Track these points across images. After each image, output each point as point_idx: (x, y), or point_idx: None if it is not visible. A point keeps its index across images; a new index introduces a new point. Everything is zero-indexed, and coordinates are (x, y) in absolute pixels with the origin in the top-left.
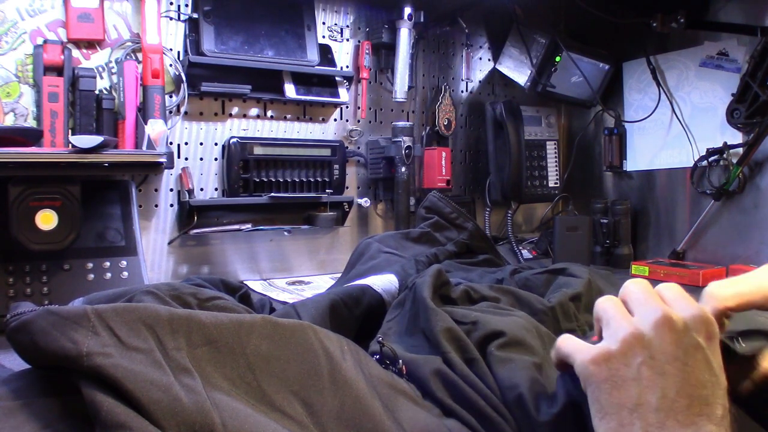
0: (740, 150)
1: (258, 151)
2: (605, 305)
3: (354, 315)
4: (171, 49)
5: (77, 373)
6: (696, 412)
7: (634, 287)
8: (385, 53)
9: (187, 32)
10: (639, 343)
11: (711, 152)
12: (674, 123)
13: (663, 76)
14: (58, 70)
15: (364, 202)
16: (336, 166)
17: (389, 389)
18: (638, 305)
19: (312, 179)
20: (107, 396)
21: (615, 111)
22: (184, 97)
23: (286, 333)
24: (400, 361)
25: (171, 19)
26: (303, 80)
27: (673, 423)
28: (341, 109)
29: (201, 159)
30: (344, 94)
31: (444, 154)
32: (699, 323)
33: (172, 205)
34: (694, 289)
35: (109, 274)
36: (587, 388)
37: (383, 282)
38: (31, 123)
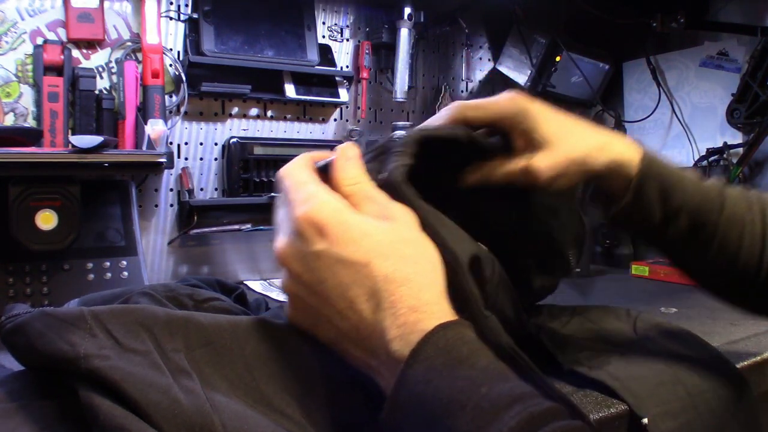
0: (740, 150)
1: (258, 151)
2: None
3: None
4: (171, 49)
5: (74, 376)
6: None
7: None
8: (385, 53)
9: (187, 32)
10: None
11: (711, 152)
12: (674, 123)
13: (663, 76)
14: (58, 70)
15: None
16: None
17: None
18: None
19: None
20: (105, 398)
21: (615, 111)
22: (184, 97)
23: (283, 335)
24: None
25: (171, 19)
26: (303, 80)
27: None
28: (341, 109)
29: (201, 159)
30: (344, 94)
31: None
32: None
33: (172, 205)
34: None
35: (109, 274)
36: None
37: None
38: (31, 123)
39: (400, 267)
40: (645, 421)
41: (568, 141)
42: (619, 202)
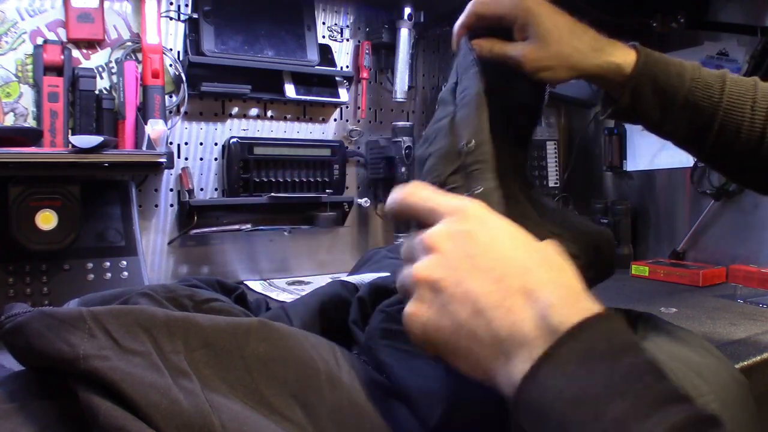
0: None
1: (258, 151)
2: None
3: (342, 315)
4: (171, 49)
5: (74, 376)
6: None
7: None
8: (385, 53)
9: (187, 32)
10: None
11: None
12: None
13: None
14: (58, 70)
15: (364, 202)
16: (336, 166)
17: (382, 392)
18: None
19: (312, 179)
20: (105, 399)
21: None
22: (184, 97)
23: (282, 336)
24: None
25: (171, 19)
26: (303, 80)
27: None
28: (341, 109)
29: (201, 159)
30: (344, 94)
31: None
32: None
33: (172, 205)
34: (694, 289)
35: (109, 274)
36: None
37: (370, 278)
38: (31, 123)
39: (557, 256)
40: None
41: (560, 39)
42: (618, 103)
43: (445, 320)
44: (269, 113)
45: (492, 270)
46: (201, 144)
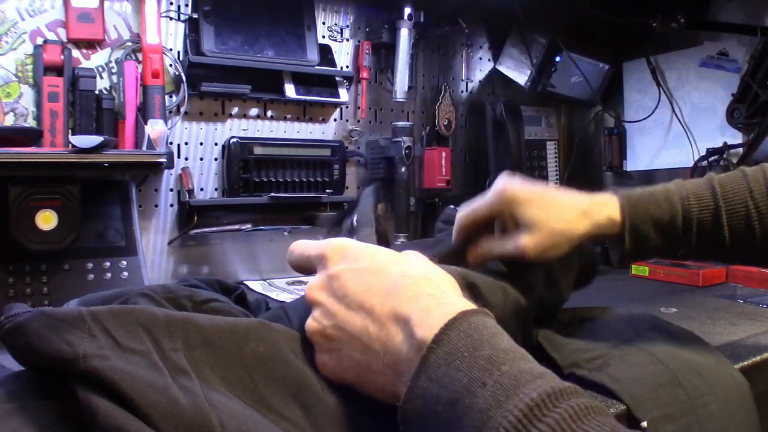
0: (740, 150)
1: (258, 151)
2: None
3: None
4: (171, 49)
5: (73, 376)
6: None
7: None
8: (385, 53)
9: (187, 32)
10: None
11: (711, 152)
12: (674, 123)
13: (663, 76)
14: (58, 70)
15: None
16: (336, 166)
17: None
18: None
19: (312, 179)
20: (104, 399)
21: (615, 111)
22: (184, 97)
23: (282, 336)
24: None
25: (171, 19)
26: (303, 80)
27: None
28: (341, 109)
29: (201, 159)
30: (344, 94)
31: (444, 154)
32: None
33: (172, 205)
34: (694, 289)
35: (109, 274)
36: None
37: None
38: (31, 123)
39: (415, 267)
40: (644, 424)
41: (549, 219)
42: (624, 250)
43: (345, 362)
44: (269, 113)
45: (362, 306)
46: (201, 144)
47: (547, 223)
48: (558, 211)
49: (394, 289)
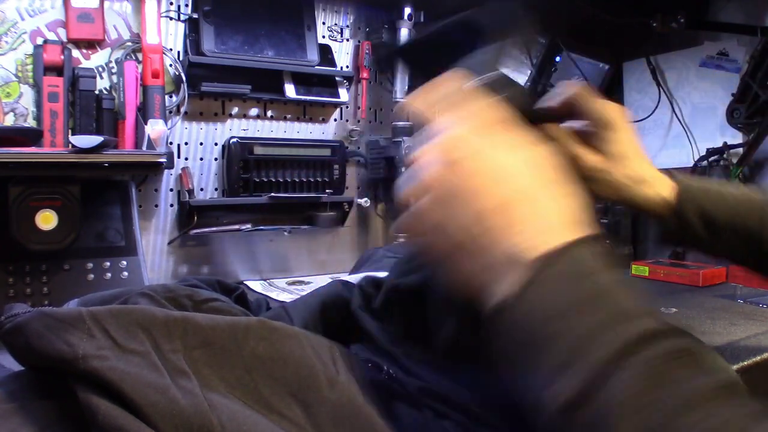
0: (740, 150)
1: (258, 151)
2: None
3: (343, 316)
4: (171, 49)
5: (73, 376)
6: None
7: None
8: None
9: (187, 32)
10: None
11: (711, 152)
12: (674, 123)
13: (663, 76)
14: (58, 70)
15: (364, 202)
16: (336, 166)
17: (382, 391)
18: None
19: (312, 179)
20: (104, 399)
21: None
22: (184, 97)
23: (281, 336)
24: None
25: (171, 19)
26: (303, 80)
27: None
28: (341, 109)
29: (201, 159)
30: (344, 94)
31: None
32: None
33: (172, 205)
34: (694, 289)
35: (109, 274)
36: None
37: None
38: (31, 123)
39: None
40: None
41: (626, 165)
42: (667, 230)
43: (450, 226)
44: (269, 113)
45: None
46: (201, 144)
47: (624, 167)
48: (634, 163)
49: (536, 190)
